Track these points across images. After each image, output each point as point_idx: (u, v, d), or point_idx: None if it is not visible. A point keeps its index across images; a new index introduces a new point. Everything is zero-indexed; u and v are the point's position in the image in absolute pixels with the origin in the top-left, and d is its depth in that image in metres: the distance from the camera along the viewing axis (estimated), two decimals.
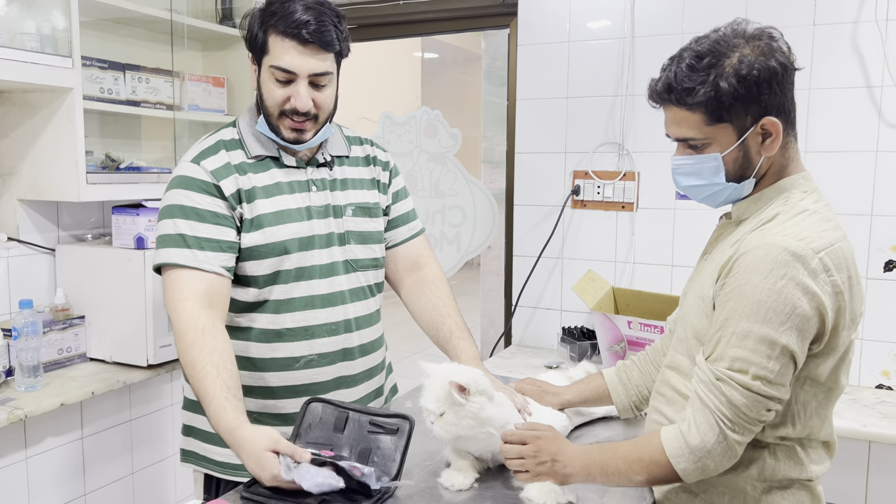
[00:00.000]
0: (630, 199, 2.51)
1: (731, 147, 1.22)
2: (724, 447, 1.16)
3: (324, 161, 1.57)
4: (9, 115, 2.23)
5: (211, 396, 1.30)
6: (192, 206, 1.44)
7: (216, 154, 1.48)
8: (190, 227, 1.42)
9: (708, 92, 1.18)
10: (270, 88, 1.46)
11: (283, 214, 1.49)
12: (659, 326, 2.17)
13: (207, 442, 1.57)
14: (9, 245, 2.21)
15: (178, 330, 1.38)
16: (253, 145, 1.52)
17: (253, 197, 1.48)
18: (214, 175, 1.46)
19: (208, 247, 1.43)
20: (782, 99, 1.21)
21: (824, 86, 2.21)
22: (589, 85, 2.54)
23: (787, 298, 1.12)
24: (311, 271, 1.52)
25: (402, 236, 1.72)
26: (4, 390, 2.00)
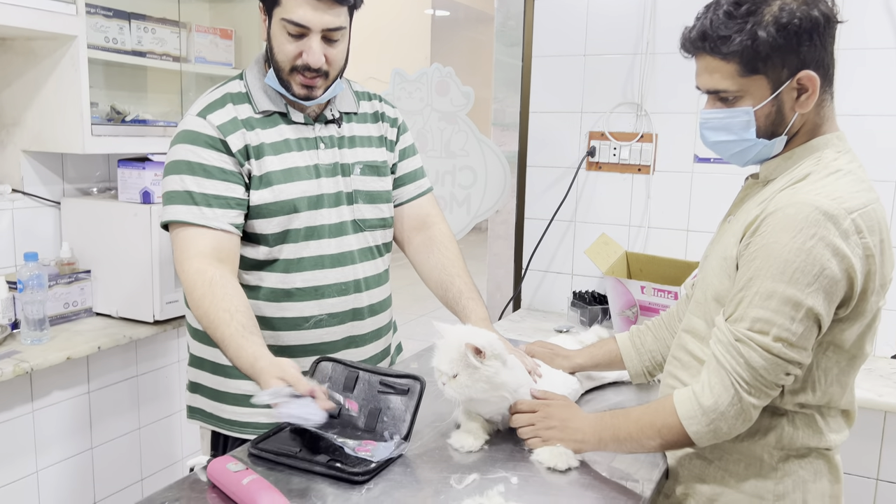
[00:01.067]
0: (647, 162, 2.45)
1: (765, 101, 1.16)
2: (739, 409, 1.13)
3: (332, 118, 1.53)
4: (12, 64, 2.17)
5: (228, 339, 1.30)
6: (199, 162, 1.40)
7: (223, 108, 1.44)
8: (197, 184, 1.39)
9: (745, 41, 1.12)
10: (282, 43, 1.41)
11: (291, 172, 1.46)
12: (673, 292, 2.13)
13: (214, 399, 1.56)
14: (13, 197, 2.18)
15: (187, 287, 1.37)
16: (261, 100, 1.47)
17: (261, 153, 1.44)
18: (221, 130, 1.42)
19: (216, 203, 1.40)
20: (822, 52, 1.15)
21: (853, 46, 2.13)
22: (607, 42, 2.46)
23: (815, 259, 1.08)
24: (320, 231, 1.49)
25: (409, 194, 1.68)
26: (10, 343, 1.99)
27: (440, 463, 1.23)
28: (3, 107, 2.21)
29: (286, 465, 1.19)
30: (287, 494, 1.06)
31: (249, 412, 1.51)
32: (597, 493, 1.16)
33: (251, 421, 1.52)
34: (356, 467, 1.16)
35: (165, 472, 2.51)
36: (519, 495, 1.13)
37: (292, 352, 1.50)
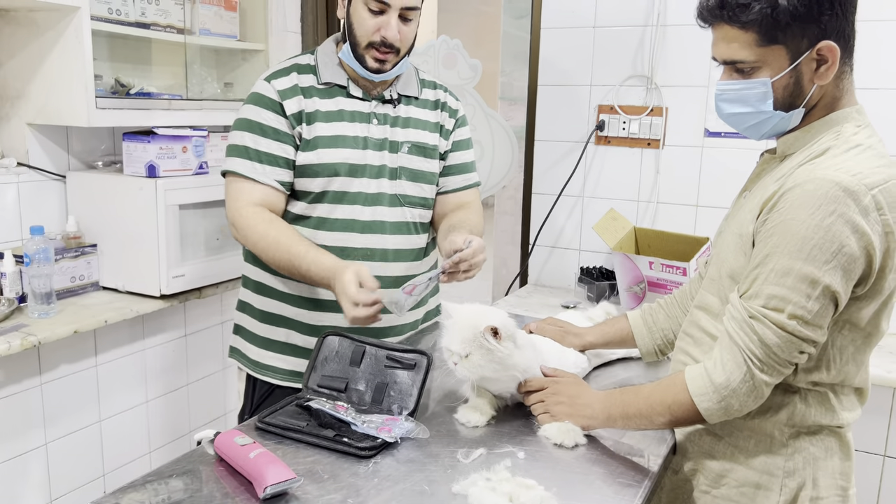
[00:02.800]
0: (657, 136, 2.42)
1: (783, 72, 1.14)
2: (751, 386, 1.11)
3: (389, 98, 1.65)
4: (15, 35, 2.15)
5: (305, 251, 1.49)
6: (258, 122, 1.57)
7: (287, 76, 1.60)
8: (254, 141, 1.57)
9: (764, 9, 1.09)
10: (363, 18, 1.54)
11: (338, 139, 1.59)
12: (681, 268, 2.11)
13: (248, 341, 1.72)
14: (19, 170, 2.17)
15: (248, 225, 1.54)
16: (325, 72, 1.62)
17: (314, 119, 1.58)
18: (281, 94, 1.57)
19: (267, 160, 1.56)
20: (843, 22, 1.12)
21: (872, 17, 2.09)
22: (617, 14, 2.42)
23: (834, 236, 1.06)
24: (355, 197, 1.60)
25: (455, 184, 1.77)
26: (18, 316, 1.99)
27: (447, 437, 1.23)
28: (7, 79, 2.18)
29: (293, 439, 1.19)
30: (294, 468, 1.07)
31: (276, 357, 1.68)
32: (604, 467, 1.16)
33: (276, 365, 1.68)
34: (362, 442, 1.15)
35: (173, 446, 2.53)
36: (526, 470, 1.12)
37: (321, 304, 1.63)
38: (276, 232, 1.53)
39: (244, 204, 1.56)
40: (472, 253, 1.46)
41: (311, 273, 1.49)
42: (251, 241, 1.56)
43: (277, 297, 1.66)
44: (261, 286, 1.69)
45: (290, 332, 1.66)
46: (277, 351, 1.67)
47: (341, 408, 1.25)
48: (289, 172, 1.58)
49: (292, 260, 1.51)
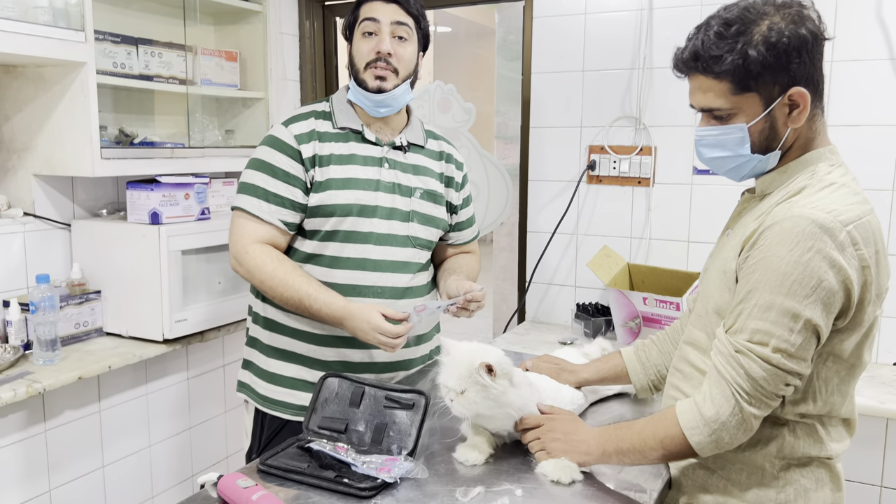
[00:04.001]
0: (646, 175, 2.48)
1: (758, 118, 1.19)
2: (739, 419, 1.14)
3: (400, 144, 1.73)
4: (23, 90, 2.22)
5: (316, 292, 1.58)
6: (271, 163, 1.65)
7: (305, 121, 1.69)
8: (264, 181, 1.64)
9: (736, 60, 1.15)
10: (359, 46, 1.67)
11: (350, 181, 1.66)
12: (675, 303, 2.15)
13: (258, 376, 1.76)
14: (25, 220, 2.22)
15: (254, 265, 1.61)
16: (340, 117, 1.71)
17: (328, 162, 1.66)
18: (297, 139, 1.66)
19: (273, 201, 1.63)
20: (811, 69, 1.17)
21: (847, 58, 2.17)
22: (605, 58, 2.50)
23: (813, 271, 1.10)
24: (367, 237, 1.67)
25: (466, 238, 1.91)
26: (23, 364, 2.02)
27: (445, 476, 1.25)
28: (15, 132, 2.25)
29: (295, 481, 1.21)
30: None
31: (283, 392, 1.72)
32: (600, 503, 1.18)
33: (285, 400, 1.72)
34: (363, 483, 1.18)
35: (177, 489, 2.54)
36: None
37: (328, 340, 1.68)
38: (283, 272, 1.60)
39: (249, 241, 1.62)
40: (482, 296, 1.63)
41: (323, 313, 1.58)
42: (258, 279, 1.62)
43: (287, 332, 1.70)
44: (270, 322, 1.73)
45: (300, 368, 1.70)
46: (287, 386, 1.71)
47: (341, 449, 1.27)
48: (294, 214, 1.65)
49: (303, 300, 1.58)
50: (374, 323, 1.52)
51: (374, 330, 1.53)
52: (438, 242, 1.85)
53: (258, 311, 1.76)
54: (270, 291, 1.62)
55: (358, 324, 1.54)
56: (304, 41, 3.09)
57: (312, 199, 1.65)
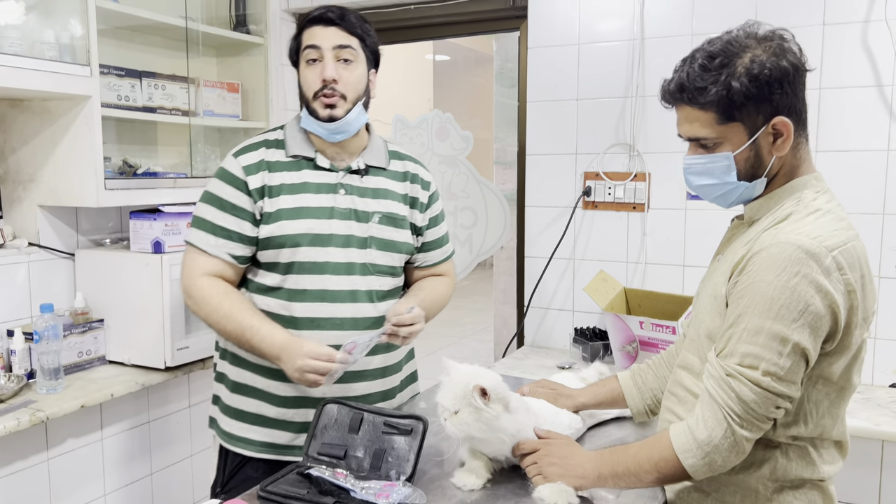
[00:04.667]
0: (641, 200, 2.52)
1: (743, 146, 1.23)
2: (732, 442, 1.16)
3: (357, 168, 1.67)
4: (29, 123, 2.27)
5: (258, 325, 1.53)
6: (219, 196, 1.61)
7: (255, 151, 1.64)
8: (212, 214, 1.61)
9: (720, 91, 1.19)
10: (305, 74, 1.62)
11: (301, 211, 1.61)
12: (671, 327, 2.17)
13: (222, 412, 1.70)
14: (30, 250, 2.26)
15: (201, 297, 1.58)
16: (292, 146, 1.66)
17: (278, 193, 1.61)
18: (245, 170, 1.61)
19: (221, 234, 1.60)
20: (794, 99, 1.21)
21: (835, 85, 2.21)
22: (599, 87, 2.55)
23: (800, 296, 1.13)
24: (323, 267, 1.61)
25: (434, 259, 1.82)
26: (26, 393, 2.04)
27: (443, 501, 1.27)
28: (21, 164, 2.29)
29: None
30: None
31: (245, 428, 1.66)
32: None
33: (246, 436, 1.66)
34: None
35: None
36: None
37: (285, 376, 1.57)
38: (228, 304, 1.56)
39: (198, 274, 1.59)
40: (412, 318, 1.56)
41: (262, 347, 1.53)
42: (203, 313, 1.58)
43: (250, 367, 1.65)
44: (234, 356, 1.68)
45: (261, 404, 1.64)
46: (249, 422, 1.65)
47: (341, 475, 1.29)
48: (243, 247, 1.60)
49: (244, 332, 1.54)
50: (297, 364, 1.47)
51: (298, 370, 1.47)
52: (407, 265, 1.78)
53: (225, 347, 1.70)
54: (216, 325, 1.58)
55: (286, 359, 1.49)
56: None
57: (263, 231, 1.59)
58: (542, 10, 2.62)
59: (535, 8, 2.63)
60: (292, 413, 1.63)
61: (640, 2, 2.46)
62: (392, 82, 7.15)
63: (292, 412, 1.63)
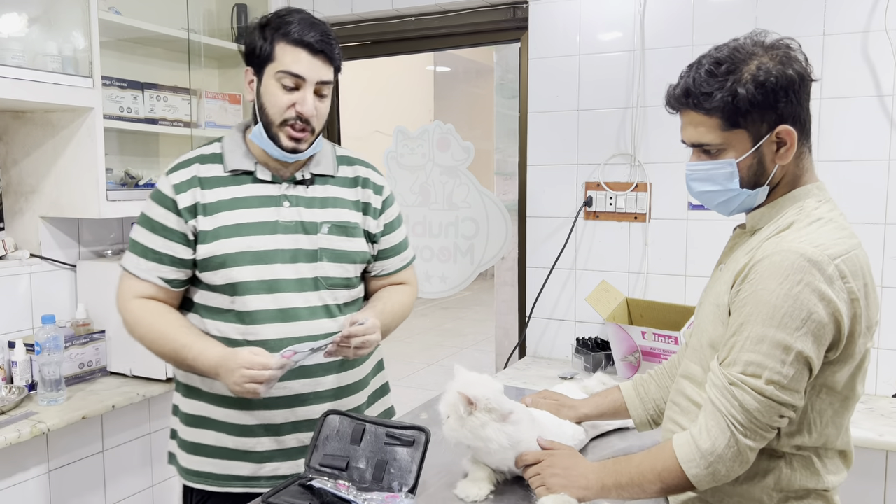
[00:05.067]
0: (642, 210, 2.52)
1: (746, 153, 1.23)
2: (735, 452, 1.16)
3: (302, 179, 1.58)
4: (31, 135, 2.28)
5: (191, 342, 1.46)
6: (149, 217, 1.54)
7: (187, 168, 1.55)
8: (144, 236, 1.54)
9: (725, 97, 1.19)
10: (276, 95, 1.49)
11: (242, 227, 1.52)
12: (673, 337, 2.17)
13: (180, 447, 1.62)
14: (31, 261, 2.26)
15: (133, 320, 1.52)
16: (231, 160, 1.55)
17: (215, 210, 1.52)
18: (176, 188, 1.52)
19: (151, 258, 1.52)
20: (798, 108, 1.22)
21: (835, 95, 2.22)
22: (600, 97, 2.56)
23: (803, 304, 1.13)
24: (273, 285, 1.52)
25: (392, 267, 1.71)
26: (27, 404, 2.04)
27: None
28: (23, 175, 2.30)
29: None
30: None
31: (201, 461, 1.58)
32: None
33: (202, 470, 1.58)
34: None
35: None
36: None
37: (248, 403, 1.53)
38: (162, 324, 1.49)
39: (129, 297, 1.52)
40: (364, 330, 1.46)
41: (198, 364, 1.46)
42: (138, 335, 1.52)
43: (204, 398, 1.56)
44: (188, 388, 1.59)
45: (220, 435, 1.56)
46: (209, 455, 1.56)
47: (343, 486, 1.28)
48: (175, 270, 1.52)
49: (178, 352, 1.47)
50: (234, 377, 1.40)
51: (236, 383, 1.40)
52: (365, 275, 1.68)
53: (178, 378, 1.63)
54: (151, 347, 1.51)
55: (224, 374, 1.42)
56: None
57: (201, 251, 1.50)
58: (542, 22, 2.63)
59: (536, 19, 2.64)
60: (253, 442, 1.54)
61: (640, 13, 2.47)
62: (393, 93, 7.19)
63: (253, 441, 1.54)
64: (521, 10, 2.71)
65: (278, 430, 1.54)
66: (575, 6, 2.57)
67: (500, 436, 1.31)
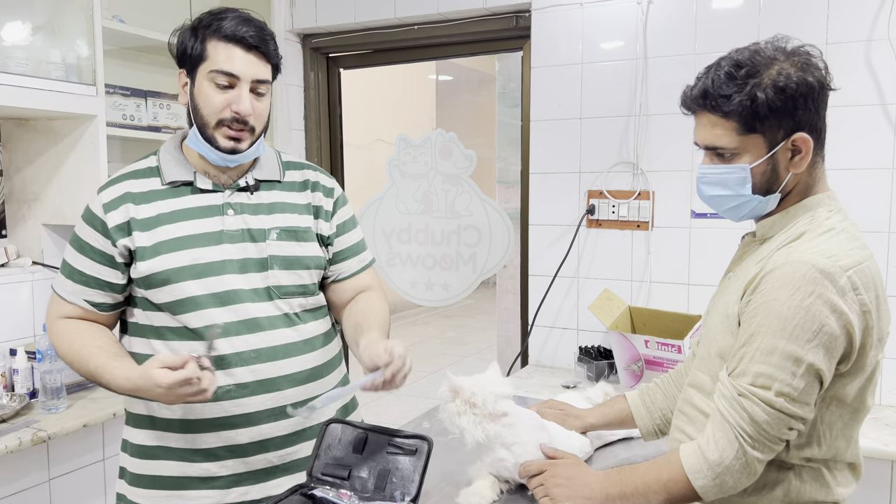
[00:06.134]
0: (645, 218, 2.51)
1: (761, 159, 1.21)
2: (743, 463, 1.14)
3: (245, 185, 1.50)
4: (34, 143, 2.28)
5: (102, 367, 1.37)
6: (78, 237, 1.46)
7: (118, 184, 1.46)
8: (72, 257, 1.46)
9: (744, 100, 1.18)
10: (209, 95, 1.41)
11: (184, 240, 1.43)
12: (676, 345, 2.16)
13: (132, 484, 1.49)
14: (33, 269, 2.26)
15: (56, 342, 1.44)
16: (169, 171, 1.47)
17: (152, 225, 1.43)
18: (105, 207, 1.43)
19: (78, 279, 1.44)
20: (815, 117, 1.21)
21: (839, 104, 2.20)
22: (602, 105, 2.56)
23: (814, 316, 1.11)
24: (227, 297, 1.43)
25: (350, 269, 1.61)
26: (28, 412, 2.03)
27: None
28: (26, 183, 2.30)
29: None
30: None
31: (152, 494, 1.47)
32: None
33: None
34: None
35: None
36: None
37: (202, 426, 1.43)
38: (78, 345, 1.41)
39: (54, 319, 1.46)
40: (402, 363, 1.34)
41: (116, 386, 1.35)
42: (61, 354, 1.44)
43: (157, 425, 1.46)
44: (136, 417, 1.49)
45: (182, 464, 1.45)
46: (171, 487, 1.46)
47: (345, 495, 1.27)
48: (102, 294, 1.44)
49: (94, 375, 1.39)
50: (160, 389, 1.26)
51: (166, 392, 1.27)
52: (325, 283, 1.59)
53: (126, 407, 1.52)
54: (74, 368, 1.41)
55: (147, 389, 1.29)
56: (308, 92, 3.17)
57: (141, 268, 1.41)
58: (545, 31, 2.64)
59: (539, 28, 2.65)
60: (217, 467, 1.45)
61: (642, 21, 2.47)
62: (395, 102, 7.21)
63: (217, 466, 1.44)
64: (524, 18, 2.72)
65: (244, 450, 1.44)
66: (577, 15, 2.58)
67: (475, 429, 1.32)
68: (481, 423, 1.32)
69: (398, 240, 3.09)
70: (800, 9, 2.26)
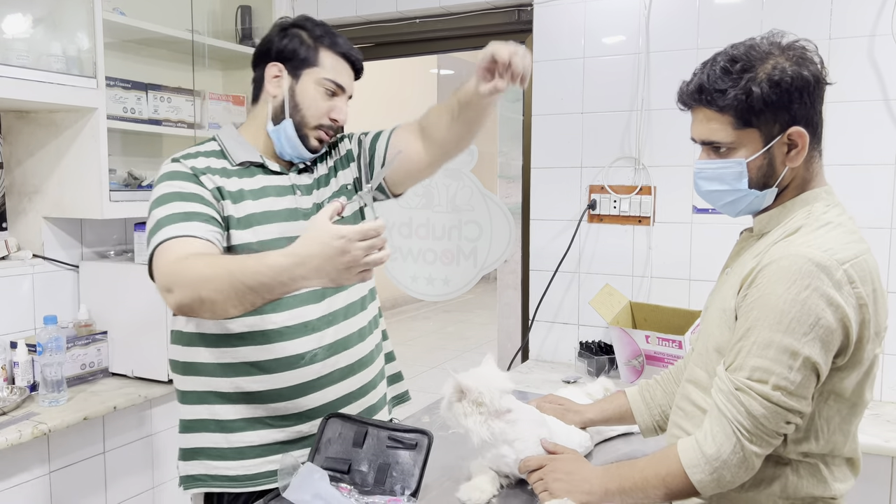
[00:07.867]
0: (647, 214, 2.51)
1: (757, 154, 1.22)
2: (741, 458, 1.15)
3: (304, 166, 1.60)
4: (35, 135, 2.28)
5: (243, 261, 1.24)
6: (178, 191, 1.41)
7: (195, 159, 1.49)
8: (179, 207, 1.39)
9: (739, 95, 1.18)
10: (316, 99, 1.53)
11: (270, 214, 1.50)
12: (677, 341, 2.16)
13: (217, 459, 1.50)
14: (34, 262, 2.26)
15: (192, 273, 1.26)
16: (237, 152, 1.53)
17: (240, 198, 1.48)
18: (195, 171, 1.45)
19: (197, 218, 1.38)
20: (811, 111, 1.21)
21: (841, 99, 2.21)
22: (604, 100, 2.55)
23: (811, 309, 1.11)
24: None
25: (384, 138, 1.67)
26: (28, 405, 2.04)
27: None
28: (26, 176, 2.30)
29: None
30: None
31: (256, 463, 1.49)
32: None
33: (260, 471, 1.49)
34: None
35: None
36: None
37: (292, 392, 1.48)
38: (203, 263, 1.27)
39: (174, 259, 1.29)
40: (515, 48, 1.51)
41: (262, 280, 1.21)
42: (191, 290, 1.25)
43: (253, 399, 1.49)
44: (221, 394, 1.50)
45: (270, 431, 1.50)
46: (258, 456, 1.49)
47: (344, 489, 1.28)
48: (220, 232, 1.41)
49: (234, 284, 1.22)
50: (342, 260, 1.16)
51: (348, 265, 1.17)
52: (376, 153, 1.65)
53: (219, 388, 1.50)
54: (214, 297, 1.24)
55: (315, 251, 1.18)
56: None
57: (236, 238, 1.45)
58: (547, 25, 2.63)
59: (541, 22, 2.64)
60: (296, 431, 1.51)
61: (645, 16, 2.46)
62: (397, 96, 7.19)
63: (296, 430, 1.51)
64: (526, 12, 2.71)
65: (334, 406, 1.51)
66: (579, 9, 2.57)
67: (481, 429, 1.32)
68: (487, 421, 1.32)
69: (399, 234, 3.09)
70: (803, 4, 2.25)
